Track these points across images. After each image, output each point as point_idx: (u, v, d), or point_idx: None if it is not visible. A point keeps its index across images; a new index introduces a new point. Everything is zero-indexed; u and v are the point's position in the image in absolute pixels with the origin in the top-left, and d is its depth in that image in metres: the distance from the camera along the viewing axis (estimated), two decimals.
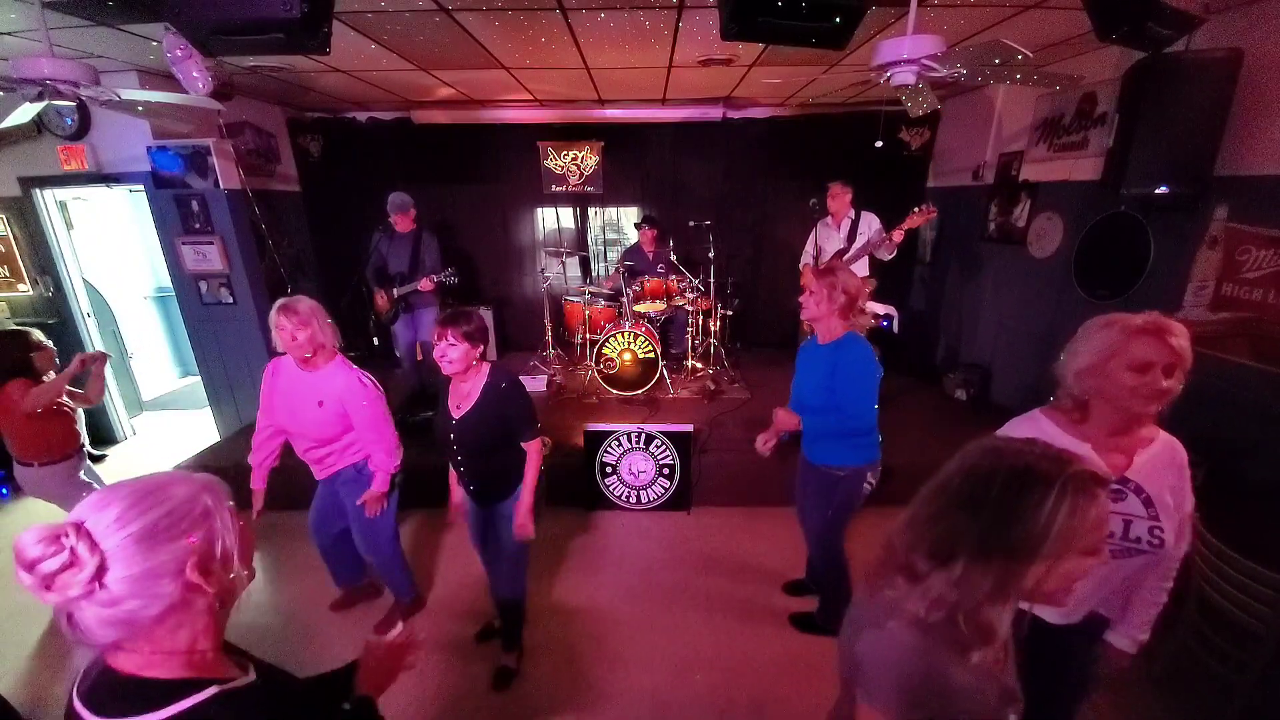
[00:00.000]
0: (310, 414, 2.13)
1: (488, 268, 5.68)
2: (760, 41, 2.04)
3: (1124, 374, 1.18)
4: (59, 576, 0.65)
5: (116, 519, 0.69)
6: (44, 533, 0.66)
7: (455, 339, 1.84)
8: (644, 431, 3.33)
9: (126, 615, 0.69)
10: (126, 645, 0.71)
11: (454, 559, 3.10)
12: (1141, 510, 1.24)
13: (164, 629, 0.72)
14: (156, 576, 0.70)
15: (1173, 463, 1.26)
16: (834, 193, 3.91)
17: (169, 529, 0.71)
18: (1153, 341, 1.15)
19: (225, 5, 1.71)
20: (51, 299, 4.24)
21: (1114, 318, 1.21)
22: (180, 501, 0.73)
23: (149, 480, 0.75)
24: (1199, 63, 2.43)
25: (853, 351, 2.01)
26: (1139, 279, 3.01)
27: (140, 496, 0.71)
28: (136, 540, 0.69)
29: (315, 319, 2.07)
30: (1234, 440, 2.56)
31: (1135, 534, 1.24)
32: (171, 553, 0.71)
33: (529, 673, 2.33)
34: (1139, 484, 1.25)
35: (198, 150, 3.81)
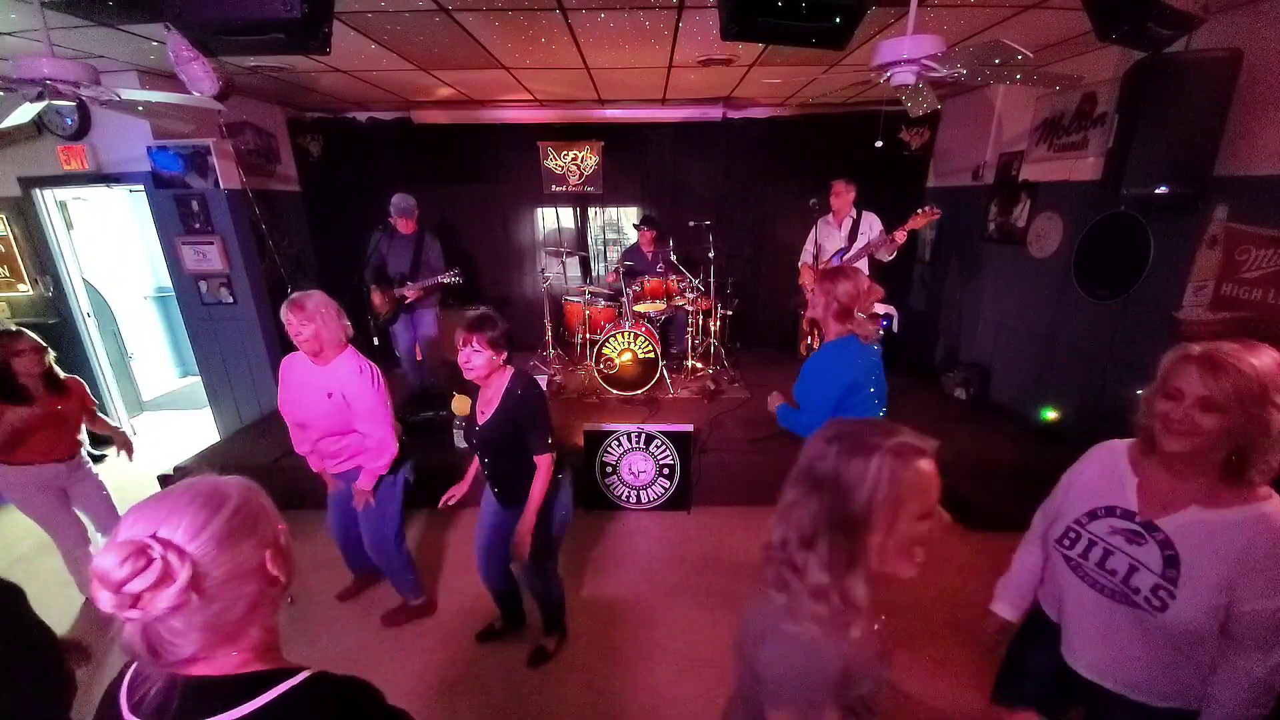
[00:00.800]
0: (320, 406, 2.19)
1: (488, 268, 5.69)
2: (760, 41, 2.05)
3: (1159, 401, 1.07)
4: (149, 593, 0.63)
5: (190, 523, 0.67)
6: (127, 550, 0.63)
7: (480, 345, 1.86)
8: (644, 431, 3.33)
9: (213, 619, 0.68)
10: (202, 654, 0.69)
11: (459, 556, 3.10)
12: (1157, 564, 1.09)
13: (242, 626, 0.72)
14: (243, 575, 0.70)
15: (1246, 545, 1.02)
16: (838, 190, 3.91)
17: (243, 526, 0.71)
18: (1196, 371, 1.01)
19: (226, 5, 1.71)
20: (51, 299, 4.24)
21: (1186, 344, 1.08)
22: (242, 499, 0.73)
23: (199, 484, 0.73)
24: (1199, 63, 2.43)
25: (819, 355, 1.99)
26: (1139, 279, 3.01)
27: (205, 499, 0.70)
28: (219, 542, 0.68)
29: (320, 314, 2.11)
30: None
31: (1135, 584, 1.11)
32: (252, 549, 0.71)
33: (527, 673, 2.34)
34: (1169, 538, 1.09)
35: (198, 150, 3.81)
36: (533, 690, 2.27)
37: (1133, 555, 1.13)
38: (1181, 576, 1.06)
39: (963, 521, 3.12)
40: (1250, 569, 1.01)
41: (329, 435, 2.26)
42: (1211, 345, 1.03)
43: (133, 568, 0.62)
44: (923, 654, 2.36)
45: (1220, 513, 1.05)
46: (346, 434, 2.25)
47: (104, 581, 0.62)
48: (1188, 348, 1.05)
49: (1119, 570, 1.14)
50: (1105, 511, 1.18)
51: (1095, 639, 1.21)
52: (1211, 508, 1.06)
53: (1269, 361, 0.99)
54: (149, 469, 3.88)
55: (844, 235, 3.93)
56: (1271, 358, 0.99)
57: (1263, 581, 1.01)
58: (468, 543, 3.16)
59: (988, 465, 3.35)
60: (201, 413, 4.65)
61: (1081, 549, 1.20)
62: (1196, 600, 1.05)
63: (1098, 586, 1.18)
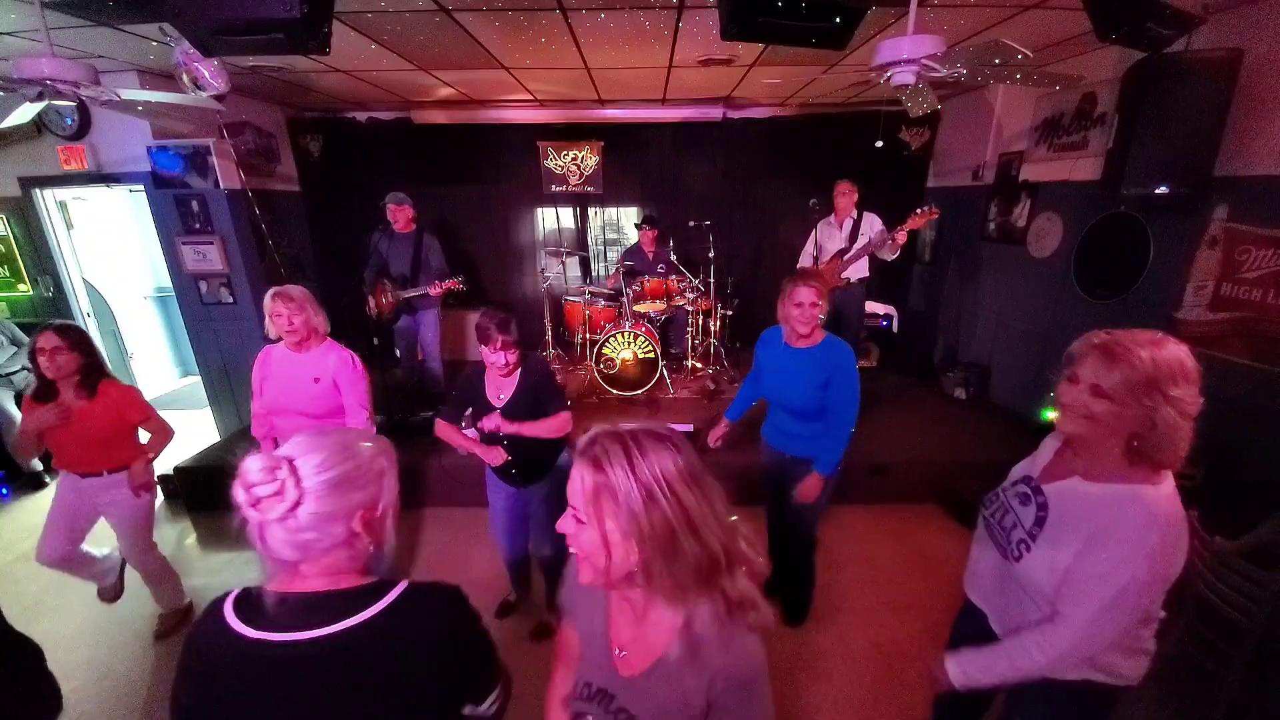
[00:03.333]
0: (306, 391, 2.27)
1: (488, 268, 5.68)
2: (760, 41, 2.04)
3: (1061, 383, 1.14)
4: (266, 500, 0.77)
5: (320, 463, 0.81)
6: (265, 462, 0.78)
7: (509, 344, 1.99)
8: None
9: (303, 542, 0.80)
10: (303, 567, 0.83)
11: (461, 553, 3.10)
12: (1030, 521, 1.19)
13: (329, 559, 0.84)
14: (333, 519, 0.81)
15: (1110, 519, 1.05)
16: (842, 190, 3.90)
17: (353, 481, 0.83)
18: (1093, 358, 1.06)
19: (225, 5, 1.71)
20: (51, 299, 4.24)
21: (1096, 331, 1.13)
22: (366, 460, 0.86)
23: (343, 434, 0.88)
24: (1199, 63, 2.43)
25: (849, 358, 2.07)
26: (1138, 279, 3.01)
27: (340, 448, 0.84)
28: (329, 485, 0.81)
29: (308, 303, 2.24)
30: (1233, 440, 2.56)
31: (1011, 537, 1.22)
32: (350, 501, 0.83)
33: (531, 647, 2.35)
34: (1046, 500, 1.17)
35: (198, 150, 3.81)
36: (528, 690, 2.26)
37: (1018, 513, 1.24)
38: (1042, 534, 1.15)
39: (962, 522, 3.13)
40: (1101, 539, 1.05)
41: (309, 419, 2.30)
42: (1116, 334, 1.06)
43: (261, 477, 0.77)
44: (923, 652, 2.37)
45: (1097, 486, 1.10)
46: (323, 417, 2.33)
47: (241, 479, 0.77)
48: (1094, 335, 1.09)
49: (1007, 526, 1.25)
50: (1021, 480, 1.29)
51: (994, 594, 1.33)
52: (1090, 480, 1.12)
53: (1168, 357, 0.99)
54: None
55: (845, 235, 3.93)
56: (1173, 353, 0.99)
57: (1104, 550, 1.04)
58: (464, 540, 3.19)
59: (988, 465, 3.34)
60: (202, 413, 4.65)
61: (994, 509, 1.33)
62: (1044, 556, 1.13)
63: (996, 543, 1.29)
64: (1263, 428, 2.47)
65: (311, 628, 0.79)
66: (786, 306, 2.06)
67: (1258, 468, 2.47)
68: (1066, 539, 1.10)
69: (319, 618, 0.80)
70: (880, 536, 3.16)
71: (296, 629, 0.79)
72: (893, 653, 2.39)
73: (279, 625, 0.79)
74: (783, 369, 2.19)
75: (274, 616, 0.80)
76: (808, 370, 2.09)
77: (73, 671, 2.40)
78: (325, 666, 0.78)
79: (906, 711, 2.13)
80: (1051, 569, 1.12)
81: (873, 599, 2.68)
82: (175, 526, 3.44)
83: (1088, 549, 1.07)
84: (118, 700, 2.26)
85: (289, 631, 0.79)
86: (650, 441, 0.79)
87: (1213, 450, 2.57)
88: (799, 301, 2.01)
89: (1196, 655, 2.04)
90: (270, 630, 0.79)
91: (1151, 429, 1.00)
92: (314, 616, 0.80)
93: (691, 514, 0.77)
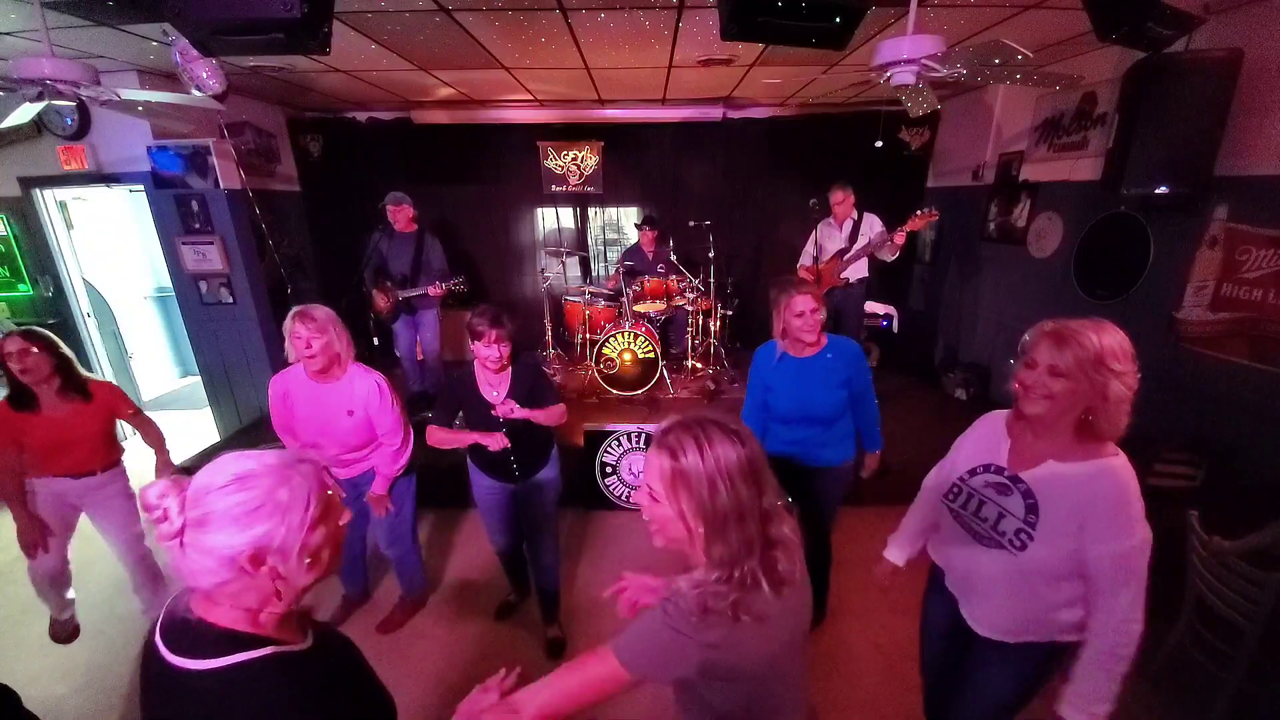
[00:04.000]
0: (343, 424, 2.15)
1: (488, 267, 5.68)
2: (760, 42, 2.04)
3: (1020, 369, 1.25)
4: (158, 525, 0.76)
5: (216, 489, 0.77)
6: (161, 487, 0.77)
7: (502, 337, 2.00)
8: (644, 431, 3.33)
9: (192, 573, 0.77)
10: (208, 595, 0.79)
11: (462, 551, 3.10)
12: (1020, 511, 1.27)
13: (227, 592, 0.78)
14: (209, 554, 0.76)
15: (1092, 494, 1.17)
16: (837, 198, 3.88)
17: (235, 520, 0.76)
18: (1046, 343, 1.19)
19: (225, 5, 1.71)
20: (51, 299, 4.24)
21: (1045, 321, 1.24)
22: (260, 494, 0.78)
23: (254, 464, 0.81)
24: (1199, 63, 2.43)
25: (856, 348, 2.11)
26: (1138, 279, 3.01)
27: (237, 480, 0.78)
28: (209, 520, 0.76)
29: (332, 326, 2.07)
30: (1233, 440, 2.56)
31: (1003, 528, 1.29)
32: (227, 541, 0.76)
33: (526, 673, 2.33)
34: (1030, 488, 1.26)
35: (198, 150, 3.81)
36: None
37: (1001, 504, 1.31)
38: (1040, 520, 1.24)
39: None
40: (1095, 515, 1.17)
41: (348, 451, 2.24)
42: (1062, 322, 1.20)
43: (152, 501, 0.76)
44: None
45: (1072, 465, 1.22)
46: (364, 447, 2.26)
47: (140, 499, 0.77)
48: (1044, 324, 1.23)
49: (989, 517, 1.32)
50: (983, 469, 1.37)
51: (969, 578, 1.40)
52: (1065, 461, 1.23)
53: (1110, 341, 1.15)
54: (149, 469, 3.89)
55: (845, 236, 3.93)
56: (1114, 338, 1.15)
57: (1104, 526, 1.17)
58: (462, 541, 3.19)
59: None
60: (202, 413, 4.65)
61: (962, 501, 1.39)
62: (1050, 541, 1.22)
63: (972, 532, 1.36)
64: (1263, 428, 2.47)
65: (185, 654, 0.76)
66: (786, 318, 2.01)
67: (1258, 468, 2.47)
68: (1063, 521, 1.21)
69: (193, 647, 0.77)
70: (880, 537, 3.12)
71: (181, 652, 0.77)
72: (893, 653, 2.39)
73: (172, 644, 0.77)
74: (798, 381, 2.09)
75: (168, 630, 0.79)
76: (824, 375, 2.07)
77: (72, 671, 2.40)
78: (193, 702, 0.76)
79: (907, 712, 2.13)
80: (1060, 551, 1.21)
81: (873, 600, 2.68)
82: None
83: (1088, 528, 1.18)
84: (117, 701, 2.26)
85: (184, 657, 0.76)
86: (718, 435, 0.89)
87: (1213, 451, 2.59)
88: (799, 311, 1.97)
89: (1196, 656, 2.04)
90: (174, 652, 0.77)
91: (1104, 401, 1.14)
92: (193, 644, 0.77)
93: (743, 504, 0.87)
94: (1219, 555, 1.91)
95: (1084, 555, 1.19)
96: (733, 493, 0.86)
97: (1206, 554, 1.95)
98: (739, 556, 0.88)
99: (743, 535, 0.87)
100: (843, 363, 2.06)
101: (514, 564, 2.57)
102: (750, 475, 0.88)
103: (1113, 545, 1.16)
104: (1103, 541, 1.17)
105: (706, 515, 0.87)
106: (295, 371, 2.15)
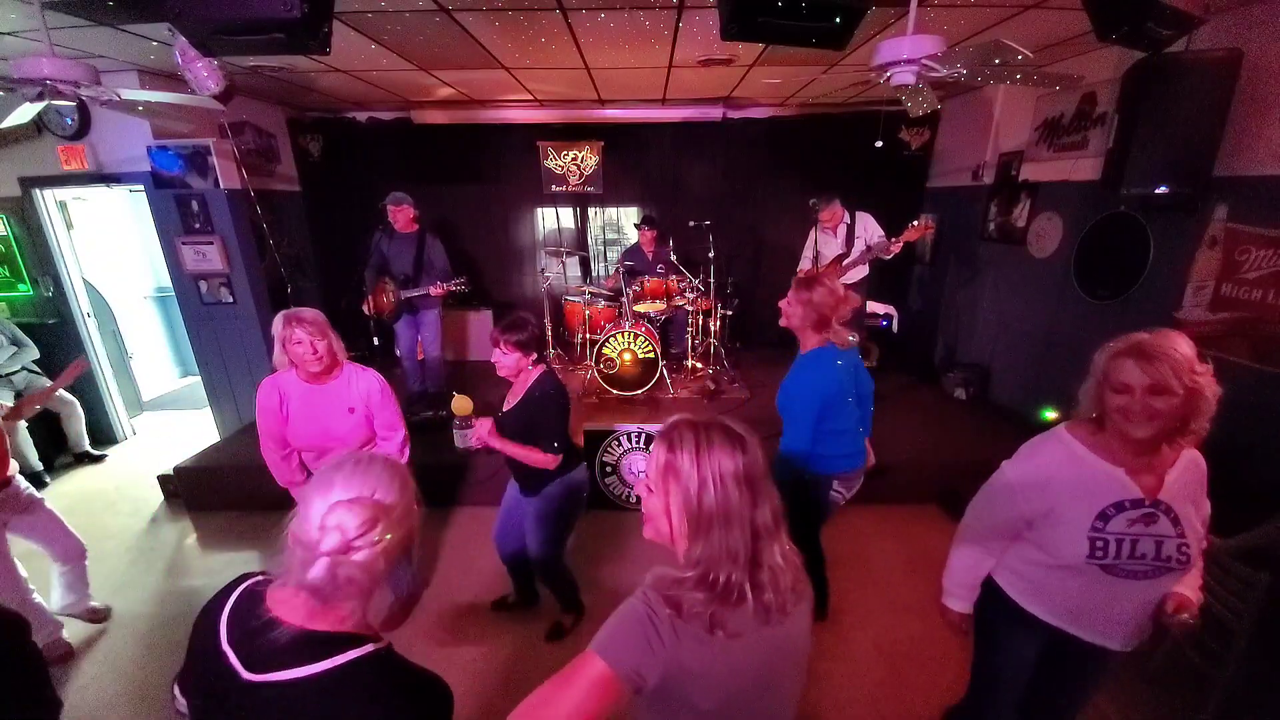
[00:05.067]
0: (344, 423, 2.10)
1: (488, 267, 5.68)
2: (760, 41, 2.04)
3: (1110, 396, 1.22)
4: (361, 541, 0.79)
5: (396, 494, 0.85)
6: (365, 511, 0.79)
7: (508, 349, 1.99)
8: (644, 431, 3.33)
9: (376, 574, 0.82)
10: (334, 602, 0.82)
11: (466, 551, 3.11)
12: (1171, 530, 1.24)
13: (379, 588, 0.84)
14: (402, 546, 0.84)
15: (1194, 478, 1.28)
16: (825, 217, 3.89)
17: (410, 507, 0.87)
18: (1128, 363, 1.18)
19: (225, 5, 1.71)
20: (51, 299, 4.23)
21: (1111, 342, 1.25)
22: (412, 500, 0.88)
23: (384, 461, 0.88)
24: (1199, 63, 2.43)
25: (799, 371, 2.01)
26: (1138, 279, 3.01)
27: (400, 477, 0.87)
28: (404, 513, 0.85)
29: (328, 328, 2.03)
30: (1233, 440, 2.56)
31: (1166, 553, 1.24)
32: (411, 527, 0.87)
33: (526, 672, 2.34)
34: (1169, 504, 1.24)
35: (198, 150, 3.80)
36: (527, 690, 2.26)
37: (1154, 533, 1.24)
38: (1185, 528, 1.24)
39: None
40: (1198, 492, 1.28)
41: (357, 448, 2.22)
42: (1135, 339, 1.20)
43: (367, 526, 0.79)
44: (923, 652, 2.38)
45: (1176, 468, 1.26)
46: (365, 446, 2.24)
47: (341, 531, 0.78)
48: (1115, 345, 1.23)
49: (1148, 552, 1.24)
50: (1115, 509, 1.25)
51: (1127, 618, 1.31)
52: (1171, 468, 1.26)
53: (1187, 346, 1.18)
54: (149, 469, 3.89)
55: (840, 241, 3.92)
56: (1188, 342, 1.19)
57: (1203, 493, 1.30)
58: (466, 538, 3.19)
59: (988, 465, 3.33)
60: (201, 413, 4.65)
61: (1114, 552, 1.25)
62: (1195, 535, 1.25)
63: (1134, 575, 1.26)
64: (1263, 428, 2.47)
65: (285, 669, 0.78)
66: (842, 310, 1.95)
67: (1258, 468, 2.47)
68: (1189, 515, 1.26)
69: (287, 658, 0.79)
70: (880, 537, 3.16)
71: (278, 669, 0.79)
72: (893, 653, 2.39)
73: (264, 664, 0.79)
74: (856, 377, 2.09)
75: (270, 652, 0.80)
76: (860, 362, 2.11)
77: (71, 671, 2.40)
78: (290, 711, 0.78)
79: (907, 712, 2.13)
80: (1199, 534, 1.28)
81: (873, 599, 2.68)
82: (175, 526, 3.43)
83: (1199, 501, 1.30)
84: (118, 700, 2.26)
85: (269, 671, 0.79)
86: (720, 438, 0.88)
87: (1213, 451, 2.58)
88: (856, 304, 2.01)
89: (1190, 655, 2.04)
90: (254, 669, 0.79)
91: (1202, 401, 1.15)
92: (287, 654, 0.79)
93: (731, 508, 0.85)
94: (1213, 554, 1.91)
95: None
96: (722, 494, 0.84)
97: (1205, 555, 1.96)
98: (718, 560, 0.85)
99: (726, 540, 0.84)
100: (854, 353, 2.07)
101: (510, 566, 2.53)
102: (744, 482, 0.86)
103: (1204, 509, 1.30)
104: (1200, 510, 1.28)
105: (691, 512, 0.86)
106: (287, 377, 2.07)
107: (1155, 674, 2.17)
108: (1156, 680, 2.17)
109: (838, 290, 1.96)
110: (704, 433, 0.89)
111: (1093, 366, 1.27)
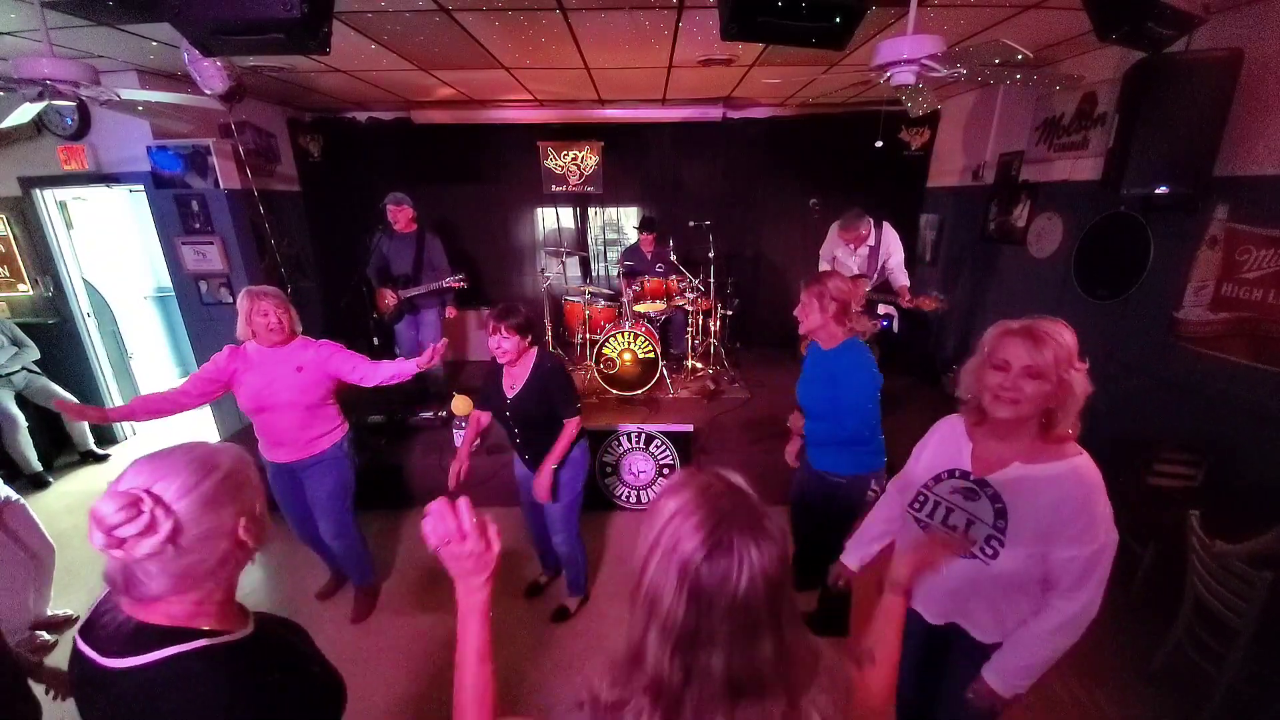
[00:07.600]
0: (291, 380, 2.22)
1: (488, 267, 5.68)
2: (760, 41, 2.04)
3: (988, 374, 1.20)
4: (134, 539, 0.73)
5: (180, 485, 0.77)
6: (123, 500, 0.73)
7: (508, 333, 2.07)
8: (644, 431, 3.33)
9: (183, 569, 0.77)
10: (167, 597, 0.78)
11: None
12: (989, 517, 1.23)
13: (206, 580, 0.80)
14: (217, 535, 0.79)
15: (1059, 497, 1.14)
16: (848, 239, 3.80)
17: (226, 493, 0.80)
18: (1015, 341, 1.15)
19: (225, 5, 1.71)
20: (51, 299, 4.23)
21: (1004, 320, 1.21)
22: (231, 467, 0.83)
23: (198, 449, 0.83)
24: (1199, 63, 2.43)
25: (850, 358, 1.99)
26: (1138, 279, 3.01)
27: (199, 464, 0.80)
28: (203, 504, 0.78)
29: (288, 302, 2.23)
30: (1233, 440, 2.56)
31: (974, 535, 1.24)
32: (230, 514, 0.80)
33: (527, 671, 2.34)
34: (998, 492, 1.22)
35: (198, 150, 3.80)
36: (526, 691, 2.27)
37: (970, 510, 1.26)
38: (1009, 526, 1.20)
39: None
40: (1063, 518, 1.14)
41: (301, 410, 2.26)
42: (1029, 321, 1.16)
43: (125, 515, 0.72)
44: None
45: (1039, 467, 1.18)
46: (315, 408, 2.30)
47: (99, 523, 0.72)
48: (1006, 324, 1.19)
49: (958, 525, 1.27)
50: (947, 475, 1.32)
51: (939, 587, 1.34)
52: (1031, 463, 1.19)
53: (1072, 337, 1.15)
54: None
55: (862, 260, 3.83)
56: (1069, 330, 1.15)
57: (1074, 530, 1.14)
58: None
59: None
60: (201, 412, 4.64)
61: (929, 509, 1.34)
62: (1019, 545, 1.19)
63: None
64: (1263, 428, 2.47)
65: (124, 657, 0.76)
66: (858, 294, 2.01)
67: (1258, 469, 2.47)
68: (1032, 526, 1.18)
69: (124, 648, 0.77)
70: None
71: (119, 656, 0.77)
72: None
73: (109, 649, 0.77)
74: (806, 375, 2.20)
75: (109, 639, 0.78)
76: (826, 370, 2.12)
77: None
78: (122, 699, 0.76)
79: None
80: (1031, 557, 1.19)
81: (873, 599, 2.67)
82: None
83: (1056, 530, 1.15)
84: None
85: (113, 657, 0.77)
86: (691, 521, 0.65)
87: (1213, 451, 2.59)
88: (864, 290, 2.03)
89: (1194, 658, 2.04)
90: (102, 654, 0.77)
91: (1070, 396, 1.13)
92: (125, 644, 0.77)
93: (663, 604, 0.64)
94: (1219, 559, 1.91)
95: (1050, 558, 1.16)
96: (658, 579, 0.64)
97: (1206, 555, 1.96)
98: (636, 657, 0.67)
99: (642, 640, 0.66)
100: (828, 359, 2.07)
101: (539, 543, 2.70)
102: (693, 590, 0.62)
103: (1080, 549, 1.14)
104: (1070, 545, 1.14)
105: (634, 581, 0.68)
106: (249, 346, 2.24)
107: (1155, 674, 2.17)
108: (1157, 680, 2.17)
109: (846, 279, 2.01)
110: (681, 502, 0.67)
111: (980, 342, 1.24)
